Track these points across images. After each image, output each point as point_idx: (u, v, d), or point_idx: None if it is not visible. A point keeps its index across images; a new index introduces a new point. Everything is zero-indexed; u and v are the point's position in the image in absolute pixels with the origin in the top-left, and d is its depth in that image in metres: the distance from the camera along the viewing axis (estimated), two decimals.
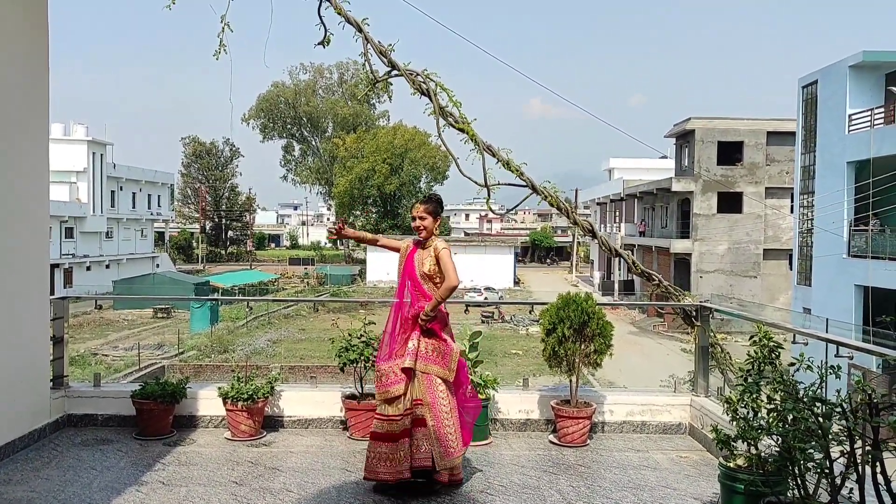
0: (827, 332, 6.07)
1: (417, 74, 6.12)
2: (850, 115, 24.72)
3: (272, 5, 6.58)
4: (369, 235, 5.33)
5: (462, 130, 6.09)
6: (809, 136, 27.66)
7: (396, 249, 5.14)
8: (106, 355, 31.18)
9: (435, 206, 4.99)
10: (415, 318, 4.80)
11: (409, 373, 4.77)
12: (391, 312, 4.99)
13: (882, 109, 23.60)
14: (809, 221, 27.53)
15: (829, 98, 26.08)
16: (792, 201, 33.11)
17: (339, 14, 6.07)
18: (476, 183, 6.15)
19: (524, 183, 6.16)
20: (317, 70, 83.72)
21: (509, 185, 6.19)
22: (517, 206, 6.55)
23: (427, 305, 4.76)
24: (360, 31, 6.05)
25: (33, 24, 5.71)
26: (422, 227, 4.91)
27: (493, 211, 6.60)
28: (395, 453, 4.67)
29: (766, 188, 41.20)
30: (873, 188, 22.63)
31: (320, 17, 6.19)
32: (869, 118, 23.75)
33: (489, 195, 6.24)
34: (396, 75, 6.18)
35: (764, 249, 41.51)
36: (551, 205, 6.25)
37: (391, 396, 4.74)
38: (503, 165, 6.16)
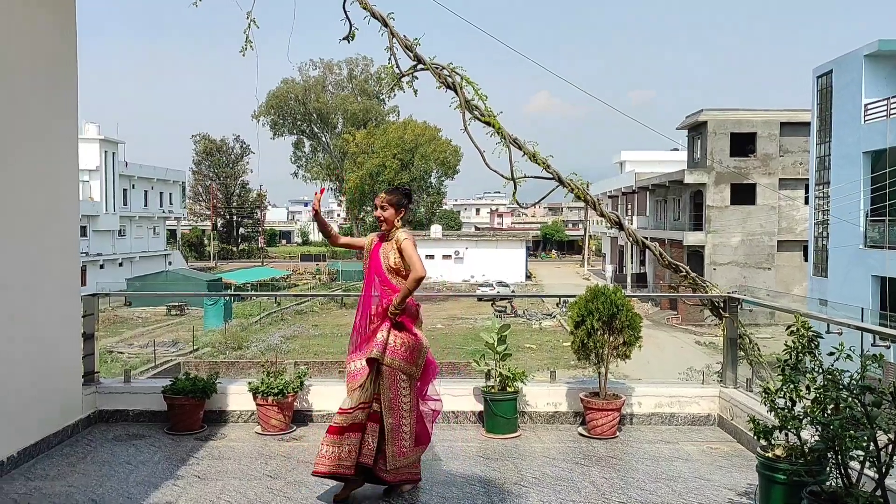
0: (862, 321, 6.05)
1: (443, 68, 6.12)
2: (865, 105, 24.56)
3: (295, 2, 6.60)
4: (333, 231, 5.03)
5: (488, 123, 6.09)
6: (824, 127, 27.49)
7: (360, 247, 4.99)
8: (121, 353, 31.37)
9: (399, 196, 4.79)
10: (384, 313, 4.63)
11: (373, 364, 4.58)
12: (358, 307, 4.85)
13: None
14: (825, 212, 27.38)
15: (844, 88, 25.91)
16: (806, 192, 32.92)
17: (364, 9, 6.07)
18: (503, 176, 6.15)
19: (550, 175, 6.16)
20: (326, 66, 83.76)
21: (536, 177, 6.19)
22: (543, 198, 6.53)
23: (395, 298, 4.57)
24: (386, 25, 6.06)
25: (62, 25, 5.74)
26: (382, 218, 4.76)
27: (519, 204, 6.58)
28: (341, 446, 4.49)
29: (780, 179, 40.96)
30: (889, 178, 22.48)
31: (345, 13, 6.19)
32: (885, 107, 23.58)
33: (515, 188, 6.24)
34: (422, 69, 6.18)
35: (778, 241, 41.29)
36: (578, 197, 6.25)
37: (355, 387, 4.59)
38: (529, 158, 6.16)
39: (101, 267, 54.95)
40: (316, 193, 4.87)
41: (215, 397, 6.20)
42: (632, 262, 54.38)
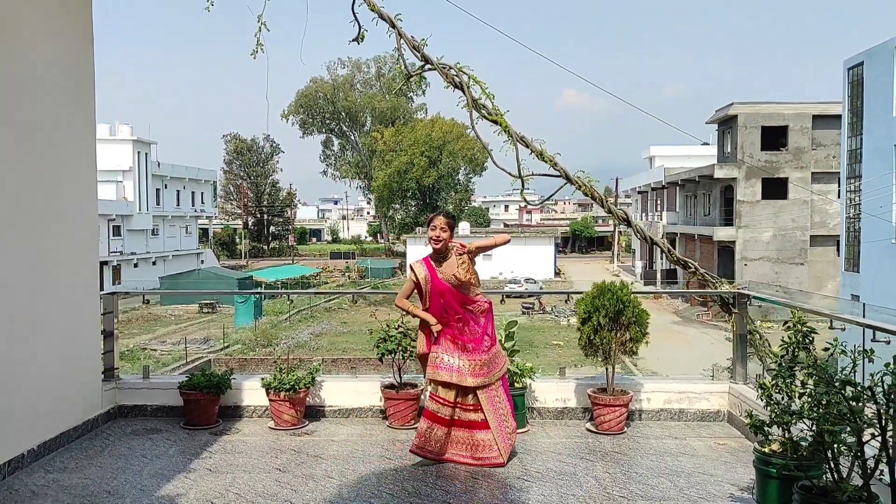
0: (864, 317, 5.99)
1: (450, 68, 6.19)
2: None
3: (307, 4, 6.70)
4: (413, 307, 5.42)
5: (495, 122, 6.15)
6: (856, 120, 27.04)
7: (414, 289, 5.33)
8: (154, 350, 31.97)
9: (453, 221, 5.29)
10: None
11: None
12: (429, 337, 5.29)
13: None
14: (856, 206, 26.93)
15: (876, 80, 25.45)
16: (839, 186, 32.40)
17: (372, 10, 6.16)
18: (510, 174, 6.21)
19: (558, 173, 6.20)
20: (354, 65, 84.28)
21: (543, 175, 6.24)
22: (551, 195, 6.58)
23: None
24: (394, 26, 6.14)
25: (78, 26, 5.91)
26: (440, 239, 5.14)
27: (527, 201, 6.64)
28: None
29: (812, 173, 40.36)
30: None
31: (354, 14, 6.29)
32: None
33: (523, 186, 6.29)
34: (430, 69, 6.26)
35: (811, 236, 40.69)
36: (585, 194, 6.28)
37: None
38: (536, 156, 6.20)
39: (135, 266, 55.95)
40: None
41: (231, 393, 6.35)
42: (661, 259, 53.90)
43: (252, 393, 6.39)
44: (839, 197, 31.86)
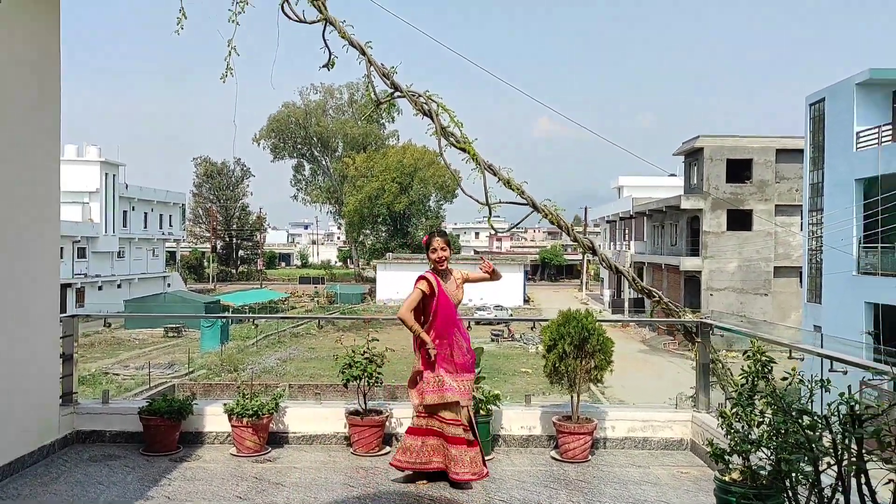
0: (822, 347, 6.10)
1: (419, 96, 6.24)
2: (857, 133, 24.76)
3: (279, 28, 6.72)
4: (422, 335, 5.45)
5: (463, 150, 6.20)
6: (818, 154, 27.69)
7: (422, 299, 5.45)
8: (117, 374, 31.35)
9: (449, 239, 5.67)
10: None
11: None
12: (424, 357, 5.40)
13: (890, 126, 23.64)
14: (819, 239, 27.48)
15: (837, 116, 26.13)
16: (801, 219, 33.07)
17: (343, 38, 6.20)
18: (478, 201, 6.25)
19: (525, 201, 6.26)
20: (327, 90, 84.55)
21: (510, 203, 6.28)
22: (518, 223, 6.63)
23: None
24: (364, 53, 6.18)
25: (45, 47, 5.87)
26: (444, 258, 5.48)
27: (494, 229, 6.69)
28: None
29: (776, 205, 41.14)
30: (882, 205, 22.61)
31: (325, 41, 6.32)
32: (876, 135, 23.78)
33: (490, 213, 6.33)
34: (399, 97, 6.30)
35: (774, 267, 41.37)
36: (552, 222, 6.33)
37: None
38: (504, 184, 6.26)
39: (100, 288, 55.03)
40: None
41: (192, 418, 6.25)
42: (629, 287, 54.34)
43: (214, 418, 6.30)
44: (802, 229, 32.51)
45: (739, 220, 41.56)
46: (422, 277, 5.42)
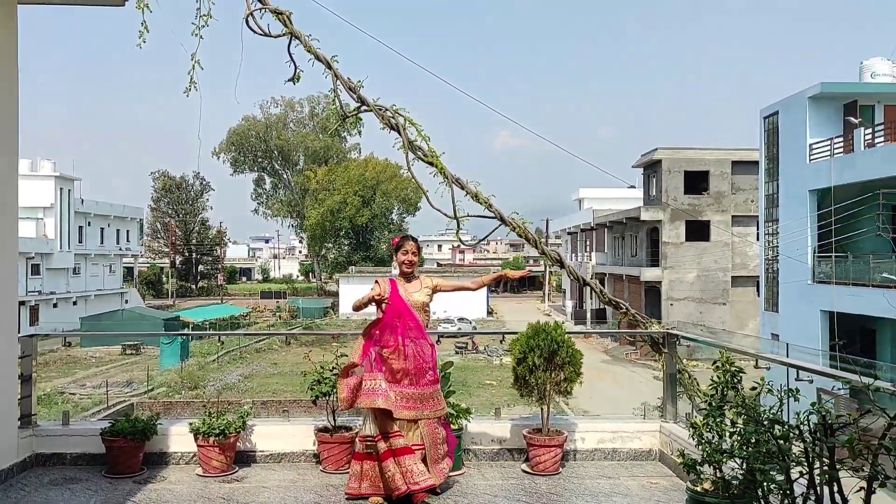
0: (788, 357, 6.22)
1: (386, 110, 6.24)
2: (810, 145, 25.39)
3: (242, 42, 6.67)
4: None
5: (431, 164, 6.20)
6: (772, 166, 28.31)
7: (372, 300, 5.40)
8: (73, 394, 30.61)
9: (419, 246, 5.70)
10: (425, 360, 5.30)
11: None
12: (372, 339, 5.29)
13: (841, 139, 24.28)
14: (774, 249, 28.06)
15: (790, 128, 26.77)
16: (758, 229, 33.76)
17: (308, 52, 6.18)
18: (446, 215, 6.25)
19: (493, 214, 6.28)
20: (288, 104, 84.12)
21: (478, 216, 6.30)
22: (487, 236, 6.65)
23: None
24: (330, 67, 6.16)
25: (2, 61, 5.73)
26: (414, 264, 5.51)
27: (462, 242, 6.70)
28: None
29: (733, 216, 41.96)
30: (835, 215, 23.18)
31: (290, 55, 6.29)
32: (829, 147, 24.41)
33: (458, 227, 6.34)
34: (366, 111, 6.29)
35: (732, 277, 42.13)
36: (519, 235, 6.36)
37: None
38: (472, 198, 6.27)
39: (55, 306, 53.77)
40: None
41: (156, 439, 6.11)
42: (591, 298, 54.87)
43: (179, 438, 6.17)
44: (758, 239, 33.16)
45: (698, 230, 42.28)
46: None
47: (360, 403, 5.18)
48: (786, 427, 3.12)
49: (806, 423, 3.12)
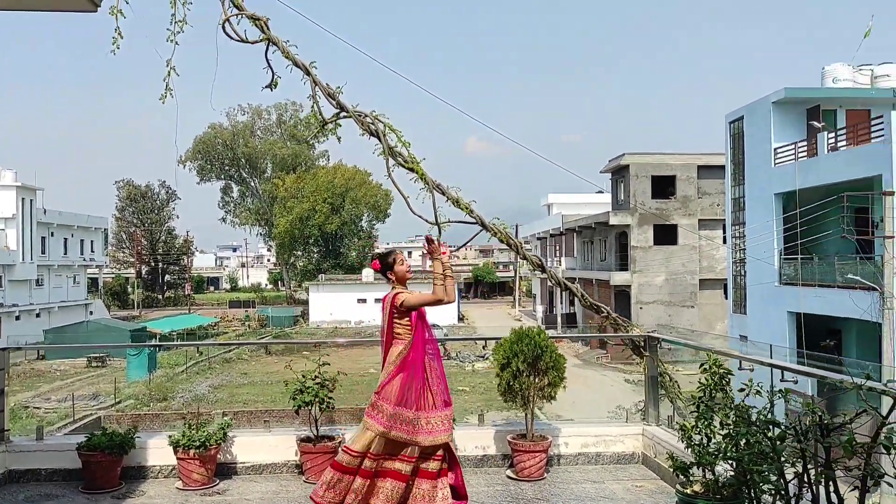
0: (771, 357, 6.29)
1: (366, 116, 6.20)
2: (775, 149, 25.79)
3: (217, 48, 6.58)
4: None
5: (411, 170, 6.17)
6: (738, 170, 28.72)
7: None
8: (38, 408, 29.91)
9: None
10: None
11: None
12: (413, 365, 4.77)
13: (805, 143, 24.71)
14: (741, 251, 28.46)
15: (755, 133, 27.19)
16: (724, 232, 34.19)
17: (286, 58, 6.12)
18: (427, 221, 6.22)
19: (474, 220, 6.27)
20: (255, 111, 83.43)
21: (460, 222, 6.28)
22: (468, 242, 6.65)
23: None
24: (309, 73, 6.11)
25: None
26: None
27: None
28: None
29: (699, 220, 42.49)
30: (800, 218, 23.57)
31: (268, 61, 6.22)
32: (793, 151, 24.83)
33: (440, 233, 6.31)
34: (345, 117, 6.24)
35: (700, 279, 42.63)
36: (501, 241, 6.36)
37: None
38: (453, 203, 6.26)
39: (17, 318, 52.58)
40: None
41: (134, 452, 5.99)
42: (561, 303, 55.17)
43: (158, 451, 6.05)
44: (725, 242, 33.60)
45: (666, 234, 42.73)
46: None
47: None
48: (783, 428, 3.14)
49: (798, 423, 3.15)
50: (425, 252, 4.91)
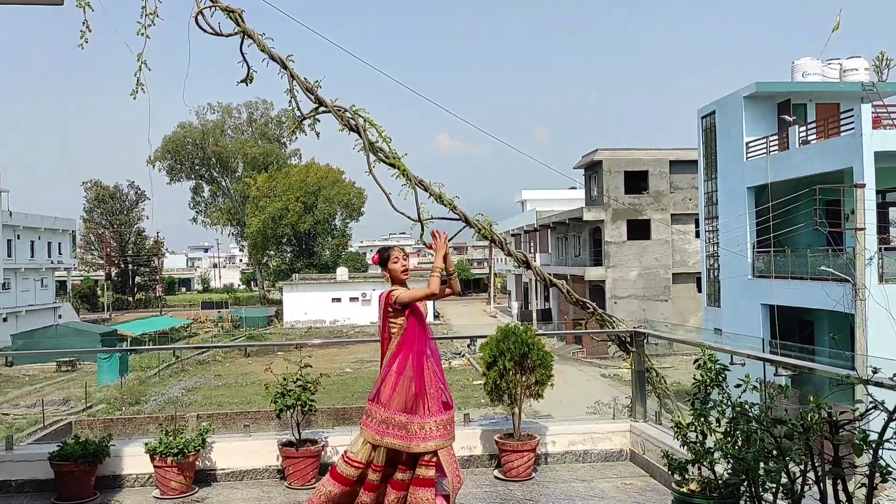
0: (764, 351, 6.24)
1: (345, 110, 6.05)
2: (747, 143, 25.99)
3: (189, 44, 6.38)
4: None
5: (393, 166, 6.04)
6: (710, 164, 28.92)
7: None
8: (6, 414, 29.30)
9: None
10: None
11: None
12: (419, 364, 4.57)
13: (776, 137, 24.93)
14: (715, 245, 28.67)
15: (727, 127, 27.38)
16: (697, 226, 34.44)
17: (262, 51, 5.95)
18: (409, 218, 6.09)
19: (458, 216, 6.15)
20: (225, 109, 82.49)
21: (443, 218, 6.17)
22: (452, 237, 6.52)
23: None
24: (286, 67, 5.95)
25: None
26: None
27: (426, 245, 6.53)
28: None
29: (672, 214, 42.79)
30: (772, 211, 23.78)
31: (243, 55, 6.05)
32: (765, 145, 25.04)
33: (423, 230, 6.18)
34: (324, 112, 6.09)
35: (673, 274, 42.94)
36: (485, 237, 6.25)
37: None
38: (435, 199, 6.13)
39: None
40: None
41: (109, 461, 5.78)
42: (536, 299, 55.31)
43: (134, 460, 5.85)
44: (698, 237, 33.84)
45: (639, 229, 42.98)
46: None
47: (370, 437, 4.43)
48: (790, 425, 3.05)
49: (802, 419, 3.06)
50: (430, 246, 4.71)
